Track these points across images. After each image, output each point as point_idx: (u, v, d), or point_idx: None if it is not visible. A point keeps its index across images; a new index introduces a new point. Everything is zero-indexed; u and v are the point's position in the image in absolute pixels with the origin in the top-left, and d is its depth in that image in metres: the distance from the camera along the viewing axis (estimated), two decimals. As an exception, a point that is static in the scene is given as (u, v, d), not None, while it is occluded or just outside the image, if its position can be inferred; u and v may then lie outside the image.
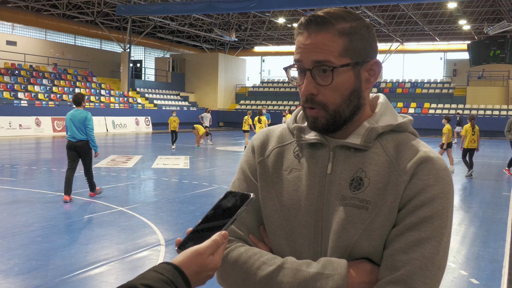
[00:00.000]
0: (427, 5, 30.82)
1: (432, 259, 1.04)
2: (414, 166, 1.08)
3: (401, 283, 1.02)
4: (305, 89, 1.11)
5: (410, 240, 1.04)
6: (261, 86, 43.44)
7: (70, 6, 31.54)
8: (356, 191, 1.10)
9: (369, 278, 1.07)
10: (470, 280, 4.70)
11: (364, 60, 1.13)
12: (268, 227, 1.19)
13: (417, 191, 1.06)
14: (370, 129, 1.13)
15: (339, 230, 1.10)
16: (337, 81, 1.10)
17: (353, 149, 1.13)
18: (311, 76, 1.10)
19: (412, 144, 1.13)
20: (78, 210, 7.48)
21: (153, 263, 5.00)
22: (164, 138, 25.44)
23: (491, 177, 12.70)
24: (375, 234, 1.07)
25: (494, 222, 7.34)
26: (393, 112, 1.18)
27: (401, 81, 39.63)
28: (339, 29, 1.10)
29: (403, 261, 1.04)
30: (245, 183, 1.23)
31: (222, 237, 1.00)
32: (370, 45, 1.14)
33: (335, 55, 1.09)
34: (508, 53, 34.29)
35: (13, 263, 4.90)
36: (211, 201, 8.54)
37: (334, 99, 1.11)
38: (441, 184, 1.07)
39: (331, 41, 1.09)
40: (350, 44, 1.10)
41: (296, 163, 1.18)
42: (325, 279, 1.06)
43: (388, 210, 1.07)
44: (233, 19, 35.32)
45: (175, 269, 0.95)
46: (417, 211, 1.05)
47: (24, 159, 14.96)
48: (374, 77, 1.15)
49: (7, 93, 25.82)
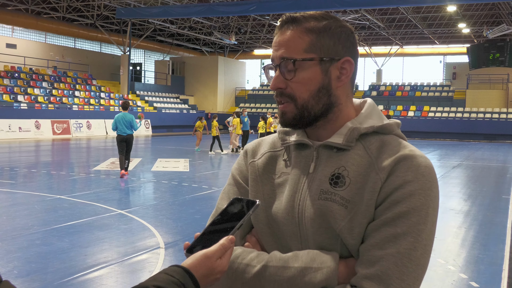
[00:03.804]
0: (427, 8, 30.85)
1: (408, 255, 1.02)
2: (392, 164, 1.07)
3: (376, 279, 1.01)
4: (273, 84, 1.15)
5: (385, 236, 1.03)
6: (260, 89, 43.45)
7: (70, 9, 31.59)
8: (336, 187, 1.10)
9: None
10: (470, 283, 4.70)
11: (333, 57, 1.13)
12: (256, 225, 1.21)
13: (394, 188, 1.05)
14: (352, 129, 1.13)
15: (321, 224, 1.10)
16: (302, 75, 1.12)
17: (336, 149, 1.14)
18: (279, 71, 1.14)
19: (395, 145, 1.12)
20: (77, 213, 7.48)
21: (153, 266, 4.99)
22: (163, 141, 25.44)
23: (491, 180, 12.69)
24: (354, 232, 1.07)
25: (493, 225, 7.34)
26: (380, 116, 1.18)
27: (400, 84, 39.64)
28: (307, 27, 1.13)
29: (377, 256, 1.03)
30: (235, 187, 1.26)
31: (229, 241, 1.03)
32: (342, 43, 1.14)
33: (300, 51, 1.12)
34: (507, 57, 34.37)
35: (12, 266, 4.89)
36: (210, 204, 8.53)
37: (301, 93, 1.13)
38: (421, 180, 1.05)
39: (297, 38, 1.13)
40: (317, 41, 1.12)
41: (286, 168, 1.21)
42: (314, 273, 1.05)
43: (365, 208, 1.07)
44: (232, 22, 35.37)
45: (185, 271, 0.98)
46: (394, 206, 1.04)
47: (23, 162, 14.96)
48: (345, 76, 1.15)
49: (6, 96, 25.81)
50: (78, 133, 27.06)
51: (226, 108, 41.66)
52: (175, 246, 5.80)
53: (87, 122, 27.80)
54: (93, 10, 31.97)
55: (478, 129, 32.37)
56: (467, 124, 32.83)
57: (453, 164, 16.40)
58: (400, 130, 1.20)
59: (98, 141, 24.57)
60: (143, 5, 29.80)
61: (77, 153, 18.91)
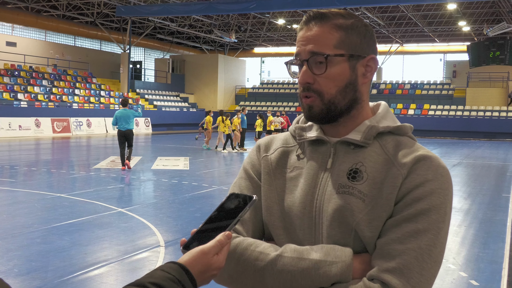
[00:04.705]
0: (427, 6, 30.82)
1: (428, 251, 1.04)
2: (413, 162, 1.10)
3: (397, 272, 1.02)
4: (301, 78, 1.16)
5: (406, 231, 1.05)
6: (260, 87, 43.44)
7: (70, 7, 31.54)
8: (354, 181, 1.12)
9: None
10: (470, 282, 4.70)
11: (360, 54, 1.16)
12: (267, 218, 1.21)
13: (415, 185, 1.08)
14: (370, 126, 1.16)
15: (337, 217, 1.11)
16: (332, 70, 1.14)
17: (353, 145, 1.17)
18: (307, 66, 1.15)
19: (411, 145, 1.16)
20: (77, 211, 7.48)
21: (153, 264, 5.00)
22: (164, 139, 25.43)
23: (491, 178, 12.69)
24: (372, 225, 1.08)
25: (493, 224, 7.34)
26: (394, 118, 1.22)
27: (400, 82, 39.62)
28: (336, 23, 1.15)
29: (399, 250, 1.04)
30: (247, 181, 1.27)
31: (226, 237, 1.03)
32: (367, 42, 1.18)
33: (330, 47, 1.14)
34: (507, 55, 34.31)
35: (12, 264, 4.90)
36: (211, 202, 8.54)
37: (329, 88, 1.15)
38: (439, 180, 1.09)
39: (327, 34, 1.14)
40: (346, 38, 1.15)
41: (299, 162, 1.22)
42: (328, 266, 1.06)
43: (384, 202, 1.09)
44: (232, 20, 35.33)
45: (181, 268, 0.98)
46: (415, 203, 1.07)
47: (23, 160, 14.96)
48: (370, 73, 1.19)
49: (6, 94, 25.81)
50: (78, 131, 27.06)
51: (226, 106, 41.63)
52: (175, 244, 5.80)
53: (87, 120, 27.80)
54: (93, 8, 31.92)
55: (478, 127, 32.36)
56: (467, 122, 32.83)
57: (453, 162, 16.40)
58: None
59: (98, 139, 24.56)
60: (143, 3, 29.77)
61: (77, 151, 18.91)
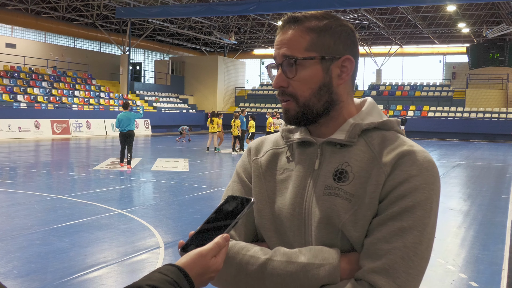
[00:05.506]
0: (426, 8, 30.83)
1: (414, 248, 1.04)
2: (396, 158, 1.10)
3: (383, 273, 1.03)
4: (275, 82, 1.17)
5: (392, 229, 1.05)
6: (260, 89, 43.41)
7: (69, 9, 31.56)
8: (339, 182, 1.12)
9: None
10: (470, 283, 4.70)
11: (334, 56, 1.15)
12: (259, 221, 1.22)
13: (399, 182, 1.07)
14: (354, 125, 1.16)
15: (323, 219, 1.12)
16: (303, 73, 1.14)
17: (339, 145, 1.17)
18: (281, 70, 1.16)
19: (396, 140, 1.15)
20: (77, 212, 7.47)
21: (152, 266, 4.99)
22: (163, 141, 25.43)
23: (490, 180, 12.69)
24: (358, 225, 1.09)
25: (493, 225, 7.34)
26: (380, 113, 1.21)
27: (400, 84, 39.62)
28: (308, 26, 1.15)
29: (384, 249, 1.04)
30: (239, 185, 1.28)
31: (224, 239, 1.03)
32: (342, 42, 1.16)
33: (301, 50, 1.14)
34: (507, 56, 34.36)
35: (12, 266, 4.89)
36: (210, 204, 8.53)
37: (303, 91, 1.15)
38: (424, 175, 1.08)
39: (298, 37, 1.15)
40: (318, 40, 1.15)
41: (289, 164, 1.23)
42: (316, 269, 1.07)
43: (368, 200, 1.09)
44: (232, 22, 35.35)
45: (179, 270, 0.98)
46: (399, 201, 1.06)
47: (23, 161, 14.95)
48: (346, 74, 1.17)
49: (6, 95, 25.80)
50: (77, 133, 27.05)
51: (226, 108, 41.64)
52: (175, 246, 5.79)
53: (86, 122, 27.80)
54: (92, 9, 31.94)
55: (477, 129, 32.37)
56: (466, 123, 32.83)
57: (452, 164, 16.41)
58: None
59: (98, 141, 24.56)
60: (143, 4, 29.78)
61: (77, 153, 18.90)
